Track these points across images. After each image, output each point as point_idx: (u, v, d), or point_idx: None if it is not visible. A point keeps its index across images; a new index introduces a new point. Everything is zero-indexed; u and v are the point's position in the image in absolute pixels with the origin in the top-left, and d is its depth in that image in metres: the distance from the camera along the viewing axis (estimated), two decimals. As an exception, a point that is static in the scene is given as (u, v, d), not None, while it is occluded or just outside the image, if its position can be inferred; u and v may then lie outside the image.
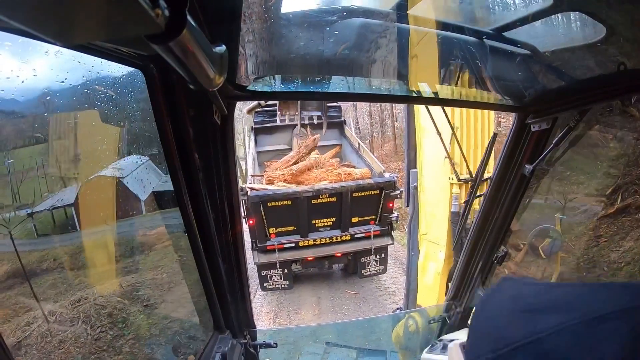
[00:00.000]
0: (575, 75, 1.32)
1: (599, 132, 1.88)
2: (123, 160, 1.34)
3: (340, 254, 6.64)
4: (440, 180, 3.55)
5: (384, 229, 6.64)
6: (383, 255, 6.95)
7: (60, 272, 1.14)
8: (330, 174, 6.69)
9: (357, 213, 6.42)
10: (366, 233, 6.54)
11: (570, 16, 1.07)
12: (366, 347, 2.71)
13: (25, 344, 0.99)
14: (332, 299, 6.88)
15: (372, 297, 7.06)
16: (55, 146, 1.07)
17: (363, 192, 6.29)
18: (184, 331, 1.66)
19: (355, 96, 1.49)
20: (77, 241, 1.22)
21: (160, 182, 1.40)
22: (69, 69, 0.90)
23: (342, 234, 6.44)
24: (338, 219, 6.37)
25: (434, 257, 3.74)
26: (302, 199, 5.96)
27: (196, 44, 0.56)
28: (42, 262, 1.09)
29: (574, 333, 0.34)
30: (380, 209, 6.47)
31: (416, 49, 1.26)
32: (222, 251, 1.48)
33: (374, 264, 6.88)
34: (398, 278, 7.90)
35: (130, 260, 1.47)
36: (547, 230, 2.10)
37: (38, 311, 1.04)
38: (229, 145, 1.33)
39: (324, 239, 6.39)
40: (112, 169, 1.29)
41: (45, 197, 1.06)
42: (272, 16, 1.00)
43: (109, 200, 1.29)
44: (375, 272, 7.02)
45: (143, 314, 1.48)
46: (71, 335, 1.08)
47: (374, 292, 7.26)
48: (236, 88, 1.21)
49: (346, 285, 7.41)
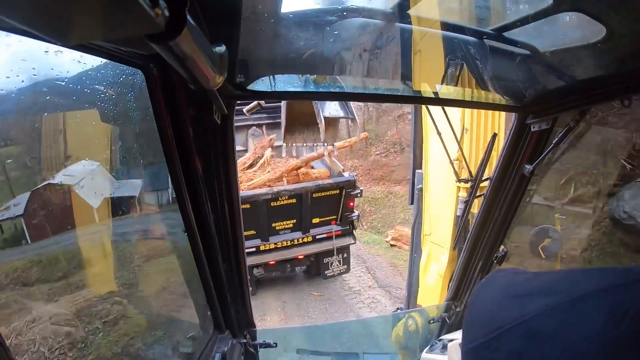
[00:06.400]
0: (575, 75, 1.32)
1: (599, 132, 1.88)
2: (121, 160, 1.34)
3: (303, 256, 6.58)
4: (446, 182, 3.54)
5: (346, 228, 6.64)
6: (345, 255, 6.95)
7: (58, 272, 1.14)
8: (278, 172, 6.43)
9: (317, 214, 6.40)
10: (328, 233, 6.53)
11: (570, 16, 1.07)
12: (366, 348, 2.71)
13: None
14: (298, 303, 6.78)
15: (338, 297, 7.02)
16: (55, 146, 1.07)
17: (323, 193, 6.26)
18: (184, 331, 1.66)
19: (355, 96, 1.49)
20: (75, 241, 1.22)
21: (159, 182, 1.40)
22: (69, 69, 0.90)
23: (304, 236, 6.40)
24: (299, 221, 6.32)
25: (437, 258, 3.73)
26: (261, 202, 5.88)
27: (196, 43, 0.56)
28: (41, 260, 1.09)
29: (559, 312, 0.36)
30: (341, 209, 6.46)
31: (416, 49, 1.26)
32: (222, 251, 1.48)
33: (337, 264, 6.88)
34: (362, 277, 7.92)
35: (130, 260, 1.47)
36: (547, 230, 2.10)
37: (45, 307, 1.04)
38: (229, 145, 1.33)
39: (286, 241, 6.33)
40: (109, 169, 1.29)
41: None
42: (272, 16, 1.00)
43: (106, 200, 1.29)
44: (338, 272, 7.02)
45: (143, 313, 1.48)
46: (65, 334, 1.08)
47: (339, 292, 7.22)
48: (236, 88, 1.22)
49: (310, 287, 7.31)
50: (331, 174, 6.81)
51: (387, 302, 7.00)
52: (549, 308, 0.37)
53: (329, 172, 6.84)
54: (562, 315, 0.36)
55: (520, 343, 0.37)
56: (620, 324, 0.32)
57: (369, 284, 7.67)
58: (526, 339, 0.37)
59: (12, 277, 0.98)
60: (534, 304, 0.38)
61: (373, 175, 12.88)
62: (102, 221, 1.30)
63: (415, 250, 4.11)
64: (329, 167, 7.06)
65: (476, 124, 3.37)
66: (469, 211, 2.58)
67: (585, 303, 0.35)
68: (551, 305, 0.37)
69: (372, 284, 7.71)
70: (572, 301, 0.36)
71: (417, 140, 4.06)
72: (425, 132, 3.78)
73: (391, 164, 12.99)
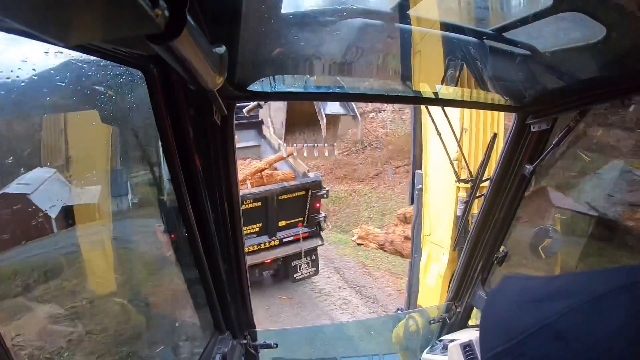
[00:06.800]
0: (575, 75, 1.32)
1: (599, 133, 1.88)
2: (120, 160, 1.34)
3: (270, 260, 6.44)
4: (446, 182, 3.53)
5: (313, 230, 6.52)
6: (314, 257, 6.81)
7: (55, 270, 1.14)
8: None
9: (284, 216, 6.28)
10: (295, 236, 6.41)
11: (570, 17, 1.07)
12: (366, 348, 2.71)
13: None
14: (267, 308, 6.61)
15: (308, 300, 6.87)
16: (54, 146, 1.07)
17: (289, 195, 6.15)
18: (184, 332, 1.65)
19: (354, 96, 1.50)
20: (75, 241, 1.22)
21: (157, 182, 1.40)
22: (69, 69, 0.90)
23: (271, 240, 6.28)
24: (265, 225, 6.18)
25: (437, 258, 3.73)
26: None
27: (196, 44, 0.56)
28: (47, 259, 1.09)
29: (582, 312, 0.37)
30: (308, 210, 6.34)
31: (416, 50, 1.27)
32: (222, 251, 1.48)
33: (305, 266, 6.72)
34: (331, 278, 7.78)
35: (130, 260, 1.47)
36: (547, 230, 2.09)
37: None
38: (229, 145, 1.33)
39: (252, 246, 6.17)
40: (108, 169, 1.29)
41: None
42: (272, 16, 1.00)
43: (105, 201, 1.29)
44: (307, 275, 6.86)
45: (143, 314, 1.48)
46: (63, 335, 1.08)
47: (309, 295, 7.04)
48: (236, 88, 1.22)
49: (279, 291, 7.14)
50: (296, 175, 6.64)
51: (359, 302, 6.91)
52: (571, 309, 0.37)
53: (293, 173, 6.68)
54: (585, 315, 0.36)
55: (547, 346, 0.37)
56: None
57: (338, 285, 7.53)
58: (552, 341, 0.37)
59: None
60: (555, 307, 0.38)
61: (336, 174, 12.61)
62: (101, 221, 1.30)
63: (415, 251, 4.10)
64: (293, 168, 6.90)
65: (475, 123, 3.37)
66: (470, 211, 2.58)
67: (607, 301, 0.36)
68: (572, 306, 0.37)
69: (342, 284, 7.58)
70: (592, 301, 0.37)
71: (417, 140, 4.05)
72: (424, 132, 3.78)
73: (353, 162, 12.76)
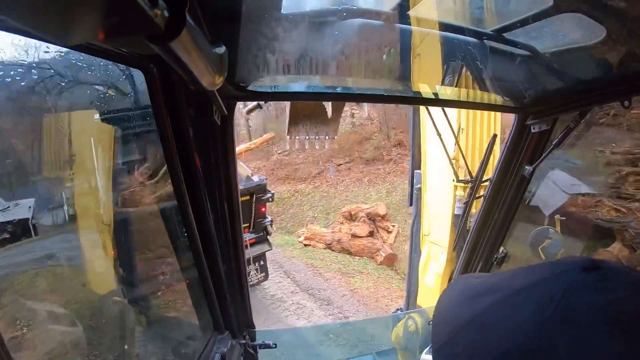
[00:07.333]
0: (575, 76, 1.32)
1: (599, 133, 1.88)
2: (120, 160, 1.34)
3: None
4: (444, 181, 3.54)
5: (259, 235, 6.36)
6: (262, 263, 6.67)
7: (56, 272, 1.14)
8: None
9: None
10: None
11: (570, 17, 1.06)
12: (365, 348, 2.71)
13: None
14: None
15: (261, 306, 6.60)
16: (54, 146, 1.07)
17: None
18: (183, 331, 1.65)
19: (355, 96, 1.50)
20: (75, 242, 1.22)
21: (157, 182, 1.40)
22: (69, 69, 0.90)
23: None
24: None
25: (436, 258, 3.73)
26: None
27: (196, 44, 0.56)
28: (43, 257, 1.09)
29: (503, 305, 0.43)
30: (253, 215, 6.14)
31: (416, 50, 1.26)
32: (222, 251, 1.47)
33: (254, 273, 6.56)
34: (282, 282, 7.62)
35: (129, 260, 1.47)
36: (547, 231, 2.09)
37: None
38: (229, 145, 1.33)
39: None
40: (110, 169, 1.29)
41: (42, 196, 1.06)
42: (272, 16, 1.00)
43: (105, 201, 1.29)
44: (257, 281, 6.71)
45: (142, 314, 1.48)
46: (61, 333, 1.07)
47: (261, 301, 6.81)
48: (236, 88, 1.22)
49: None
50: (239, 179, 6.52)
51: (313, 306, 6.78)
52: (493, 303, 0.44)
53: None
54: (503, 307, 0.42)
55: (474, 336, 0.44)
56: (547, 309, 0.38)
57: (290, 289, 7.41)
58: (478, 332, 0.43)
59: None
60: (484, 302, 0.45)
61: (277, 174, 12.36)
62: (101, 221, 1.31)
63: (415, 251, 4.11)
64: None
65: (472, 123, 3.38)
66: (469, 212, 2.58)
67: (525, 294, 0.41)
68: (495, 300, 0.44)
69: (293, 288, 7.44)
70: (510, 295, 0.43)
71: (415, 140, 4.05)
72: (423, 133, 3.78)
73: (294, 162, 12.55)
